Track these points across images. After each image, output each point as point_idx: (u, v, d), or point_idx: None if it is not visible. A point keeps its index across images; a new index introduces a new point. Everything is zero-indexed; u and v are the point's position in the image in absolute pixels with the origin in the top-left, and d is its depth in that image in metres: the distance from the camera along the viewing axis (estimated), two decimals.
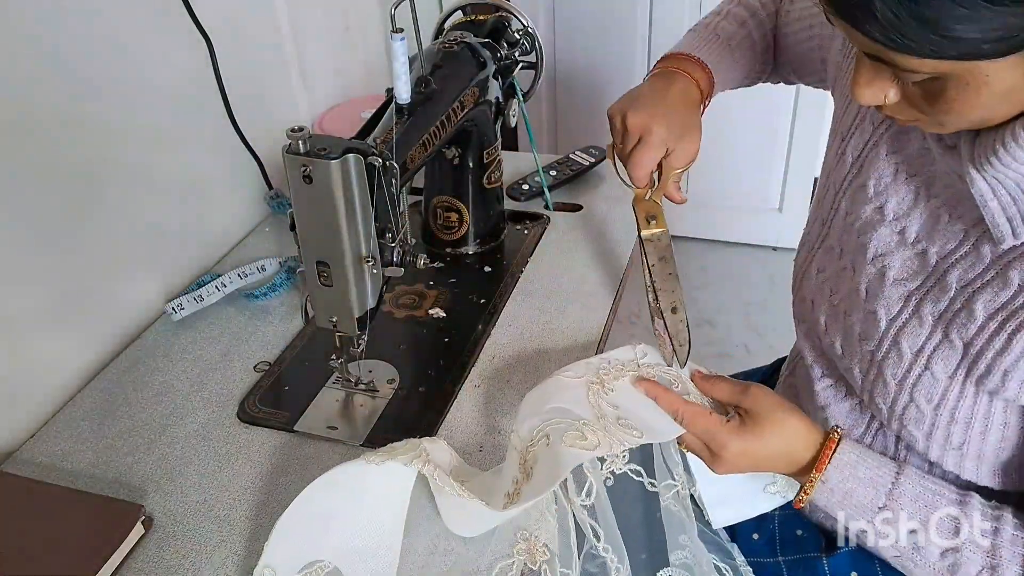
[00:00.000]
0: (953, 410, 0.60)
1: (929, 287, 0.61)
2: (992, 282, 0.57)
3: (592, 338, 0.86)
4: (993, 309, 0.56)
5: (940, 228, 0.61)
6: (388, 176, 0.70)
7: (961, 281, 0.59)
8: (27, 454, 0.76)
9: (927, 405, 0.61)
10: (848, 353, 0.68)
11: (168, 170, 0.95)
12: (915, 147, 0.64)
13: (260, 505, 0.69)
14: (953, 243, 0.60)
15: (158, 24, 0.90)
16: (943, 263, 0.60)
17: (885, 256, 0.65)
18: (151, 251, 0.94)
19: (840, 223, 0.71)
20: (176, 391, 0.82)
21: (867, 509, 0.61)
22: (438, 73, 0.83)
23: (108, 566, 0.63)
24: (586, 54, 2.12)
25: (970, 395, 0.59)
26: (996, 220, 0.54)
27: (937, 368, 0.60)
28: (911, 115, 0.54)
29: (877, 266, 0.65)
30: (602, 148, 1.19)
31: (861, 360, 0.66)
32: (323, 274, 0.72)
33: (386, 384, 0.81)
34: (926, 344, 0.61)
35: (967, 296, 0.58)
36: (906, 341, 0.62)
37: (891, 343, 0.63)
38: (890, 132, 0.67)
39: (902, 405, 0.63)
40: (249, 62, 1.06)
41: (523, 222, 1.08)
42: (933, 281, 0.61)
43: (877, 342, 0.64)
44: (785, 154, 2.11)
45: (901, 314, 0.63)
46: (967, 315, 0.58)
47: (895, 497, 0.61)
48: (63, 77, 0.79)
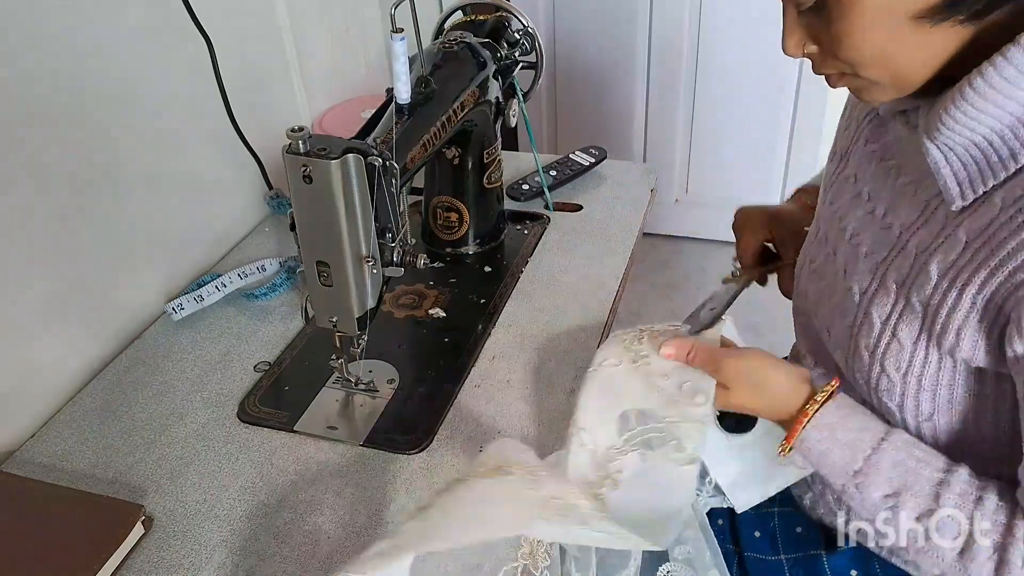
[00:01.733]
0: (920, 376, 0.61)
1: (893, 256, 0.63)
2: (944, 243, 0.59)
3: (592, 338, 0.86)
4: (945, 268, 0.58)
5: (904, 202, 0.63)
6: (388, 176, 0.70)
7: (920, 247, 0.61)
8: (27, 454, 0.76)
9: (896, 373, 0.62)
10: (834, 336, 0.69)
11: (168, 170, 0.95)
12: (891, 136, 0.67)
13: (260, 505, 0.69)
14: (914, 215, 0.62)
15: (158, 24, 0.90)
16: (906, 233, 0.62)
17: (860, 234, 0.67)
18: (151, 251, 0.94)
19: (827, 213, 0.73)
20: (176, 391, 0.82)
21: (843, 472, 0.61)
22: (438, 73, 0.83)
23: (108, 566, 0.63)
24: (586, 54, 2.11)
25: (934, 360, 0.60)
26: (948, 184, 0.57)
27: (903, 334, 0.61)
28: (832, 65, 0.58)
29: (853, 244, 0.68)
30: (602, 148, 1.19)
31: (842, 339, 0.67)
32: (323, 274, 0.72)
33: (386, 384, 0.81)
34: (892, 312, 0.62)
35: (924, 259, 0.60)
36: (875, 311, 0.63)
37: (863, 315, 0.64)
38: (871, 126, 0.70)
39: (875, 376, 0.64)
40: (249, 62, 1.06)
41: (523, 222, 1.08)
42: (897, 251, 0.63)
43: (853, 316, 0.66)
44: (785, 154, 2.11)
45: (871, 285, 0.64)
46: (924, 276, 0.59)
47: (873, 462, 0.61)
48: (63, 77, 0.79)
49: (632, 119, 2.19)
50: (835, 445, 0.62)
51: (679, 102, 2.12)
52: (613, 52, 2.09)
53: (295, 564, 0.64)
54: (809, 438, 0.62)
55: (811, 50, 0.59)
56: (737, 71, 2.02)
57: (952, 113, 0.54)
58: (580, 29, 2.08)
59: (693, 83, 2.08)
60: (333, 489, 0.70)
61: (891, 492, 0.60)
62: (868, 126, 0.71)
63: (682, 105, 2.12)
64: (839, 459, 0.61)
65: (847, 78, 0.59)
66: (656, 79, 2.12)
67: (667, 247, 2.28)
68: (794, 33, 0.58)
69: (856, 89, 0.60)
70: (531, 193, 1.12)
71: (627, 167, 1.22)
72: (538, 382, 0.80)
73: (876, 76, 0.57)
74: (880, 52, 0.55)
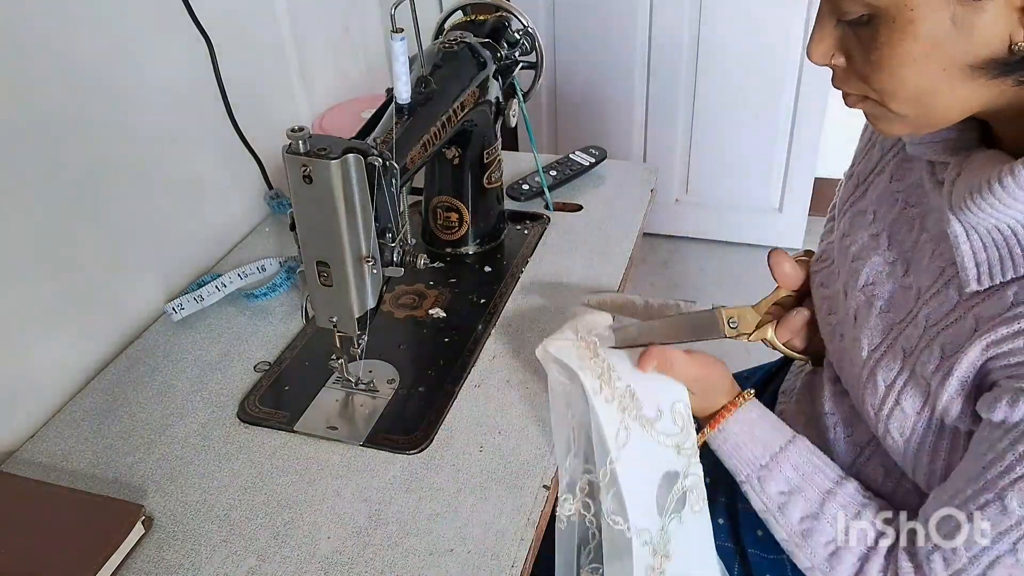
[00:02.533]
0: (920, 444, 0.61)
1: (908, 322, 0.61)
2: (953, 325, 0.57)
3: None
4: (953, 349, 0.56)
5: (925, 264, 0.61)
6: (388, 176, 0.70)
7: (929, 320, 0.59)
8: (27, 454, 0.76)
9: (900, 438, 0.62)
10: (843, 376, 0.69)
11: (168, 170, 0.95)
12: (915, 177, 0.64)
13: (260, 505, 0.69)
14: (928, 280, 0.60)
15: (158, 24, 0.90)
16: (920, 299, 0.60)
17: (875, 285, 0.65)
18: (151, 251, 0.94)
19: (838, 243, 0.71)
20: (176, 391, 0.82)
21: (751, 464, 0.67)
22: (438, 73, 0.83)
23: (108, 566, 0.63)
24: (586, 54, 2.11)
25: (935, 430, 0.60)
26: (965, 263, 0.55)
27: (906, 403, 0.60)
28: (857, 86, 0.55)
29: (867, 294, 0.66)
30: (602, 148, 1.19)
31: (853, 385, 0.67)
32: (323, 274, 0.72)
33: (386, 384, 0.81)
34: (897, 379, 0.61)
35: (932, 335, 0.58)
36: (881, 374, 0.62)
37: (869, 374, 0.63)
38: (896, 160, 0.67)
39: (881, 433, 0.63)
40: (249, 62, 1.06)
41: (523, 222, 1.08)
42: (911, 318, 0.61)
43: (859, 369, 0.65)
44: (785, 154, 2.11)
45: (881, 346, 0.63)
46: (929, 353, 0.58)
47: (778, 460, 0.67)
48: (63, 77, 0.79)
49: (632, 119, 2.19)
50: (750, 440, 0.68)
51: (679, 102, 2.12)
52: (613, 52, 2.09)
53: (295, 564, 0.64)
54: (729, 429, 0.69)
55: (839, 63, 0.55)
56: (737, 71, 2.02)
57: (984, 197, 0.51)
58: (580, 29, 2.08)
59: (693, 83, 2.08)
60: (333, 489, 0.70)
61: (787, 490, 0.66)
62: (893, 159, 0.67)
63: (682, 105, 2.12)
64: (750, 453, 0.68)
65: (868, 103, 0.56)
66: (656, 79, 2.12)
67: (667, 247, 2.29)
68: (825, 40, 0.54)
69: (873, 116, 0.57)
70: (531, 193, 1.12)
71: (627, 167, 1.22)
72: (538, 382, 0.80)
73: (904, 111, 0.54)
74: (920, 90, 0.51)
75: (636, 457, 0.66)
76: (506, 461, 0.72)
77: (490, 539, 0.65)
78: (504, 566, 0.63)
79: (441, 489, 0.70)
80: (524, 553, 0.64)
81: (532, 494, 0.69)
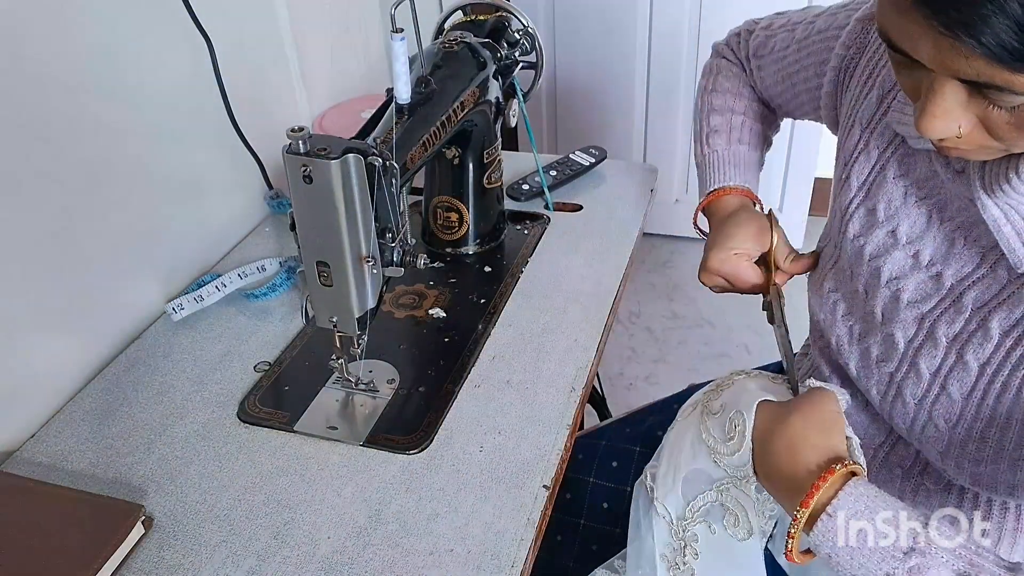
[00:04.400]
0: (970, 429, 0.60)
1: (943, 309, 0.61)
2: (1007, 300, 0.57)
3: (592, 338, 0.86)
4: (1008, 326, 0.56)
5: (955, 252, 0.61)
6: (388, 176, 0.70)
7: (977, 302, 0.59)
8: (27, 454, 0.76)
9: (945, 424, 0.61)
10: (864, 375, 0.68)
11: (168, 170, 0.95)
12: (923, 170, 0.64)
13: (260, 505, 0.69)
14: (969, 266, 0.60)
15: (158, 24, 0.90)
16: (959, 286, 0.60)
17: (899, 279, 0.65)
18: (151, 251, 0.94)
19: (849, 247, 0.70)
20: (176, 391, 0.82)
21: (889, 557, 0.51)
22: (438, 73, 0.83)
23: (108, 566, 0.63)
24: (586, 54, 2.12)
25: (986, 415, 0.59)
26: (1012, 245, 0.54)
27: (953, 389, 0.60)
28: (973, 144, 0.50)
29: (891, 289, 0.65)
30: (602, 148, 1.19)
31: (879, 382, 0.67)
32: (323, 274, 0.72)
33: (386, 384, 0.81)
34: (942, 366, 0.61)
35: (982, 316, 0.58)
36: (924, 363, 0.62)
37: (910, 364, 0.63)
38: (896, 155, 0.67)
39: (920, 424, 0.63)
40: (249, 62, 1.06)
41: (523, 222, 1.08)
42: (948, 303, 0.61)
43: (896, 363, 0.64)
44: (785, 154, 2.11)
45: (917, 336, 0.63)
46: (983, 335, 0.58)
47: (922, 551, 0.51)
48: (63, 77, 0.79)
49: (632, 119, 2.19)
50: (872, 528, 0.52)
51: (679, 102, 2.12)
52: (613, 52, 2.09)
53: (295, 564, 0.64)
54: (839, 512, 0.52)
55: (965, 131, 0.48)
56: None
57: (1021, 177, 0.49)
58: (580, 29, 2.08)
59: (693, 83, 2.08)
60: (333, 489, 0.70)
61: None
62: (893, 156, 0.67)
63: (682, 105, 2.12)
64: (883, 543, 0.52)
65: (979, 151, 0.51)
66: (656, 79, 2.12)
67: (667, 247, 2.29)
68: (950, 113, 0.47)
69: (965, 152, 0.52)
70: (531, 193, 1.12)
71: (627, 167, 1.22)
72: (538, 382, 0.80)
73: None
74: None
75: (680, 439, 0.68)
76: (506, 461, 0.72)
77: (490, 539, 0.65)
78: (504, 566, 0.63)
79: (441, 489, 0.70)
80: (524, 553, 0.64)
81: (532, 494, 0.69)
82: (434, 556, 0.64)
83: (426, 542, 0.65)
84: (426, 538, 0.66)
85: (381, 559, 0.64)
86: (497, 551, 0.64)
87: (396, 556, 0.64)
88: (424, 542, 0.65)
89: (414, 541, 0.65)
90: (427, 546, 0.65)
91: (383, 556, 0.64)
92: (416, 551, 0.65)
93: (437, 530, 0.66)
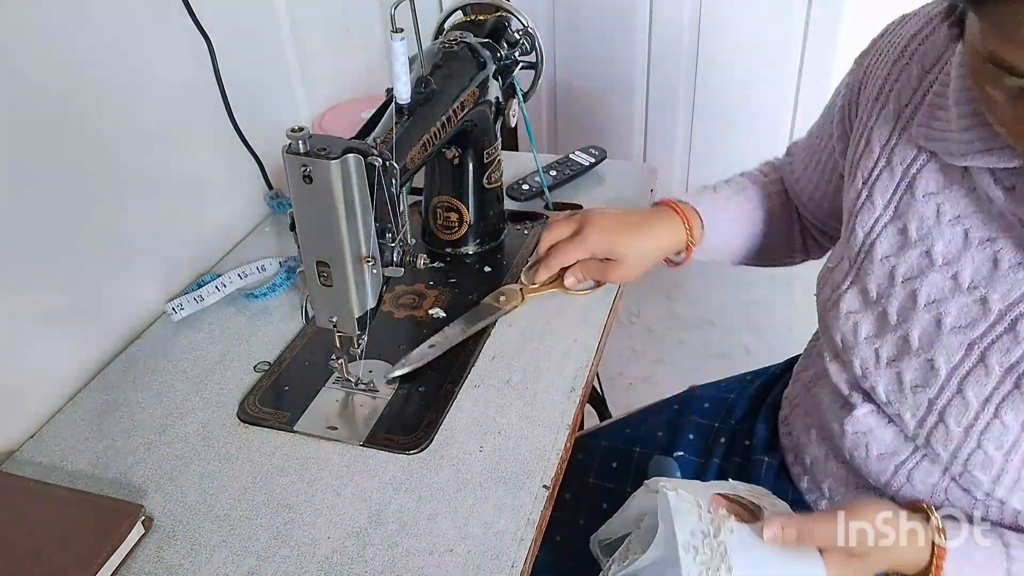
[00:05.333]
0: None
1: (996, 336, 0.59)
2: None
3: (592, 338, 0.86)
4: None
5: (1001, 273, 0.59)
6: (388, 176, 0.70)
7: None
8: (27, 454, 0.76)
9: (997, 452, 0.59)
10: (896, 399, 0.66)
11: (168, 170, 0.95)
12: (957, 186, 0.62)
13: (260, 505, 0.69)
14: (1019, 290, 0.58)
15: (158, 24, 0.90)
16: (1011, 311, 0.58)
17: (939, 303, 0.62)
18: (151, 251, 0.94)
19: (875, 267, 0.67)
20: (176, 391, 0.82)
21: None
22: (438, 73, 0.83)
23: (108, 566, 0.63)
24: (586, 54, 2.12)
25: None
26: None
27: (1008, 417, 0.58)
28: None
29: (931, 313, 0.63)
30: (602, 148, 1.19)
31: (915, 407, 0.64)
32: (323, 274, 0.72)
33: (386, 384, 0.81)
34: (994, 393, 0.59)
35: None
36: (971, 390, 0.60)
37: (955, 392, 0.61)
38: (923, 171, 0.64)
39: (968, 451, 0.61)
40: (249, 62, 1.06)
41: (523, 222, 1.08)
42: (1002, 330, 0.59)
43: (937, 390, 0.62)
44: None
45: (963, 363, 0.61)
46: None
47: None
48: (62, 77, 0.79)
49: (632, 119, 2.19)
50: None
51: (679, 102, 2.12)
52: (613, 52, 2.09)
53: (295, 564, 0.64)
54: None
55: None
56: (737, 71, 2.02)
57: None
58: (580, 29, 2.08)
59: (693, 83, 2.09)
60: (333, 489, 0.70)
61: None
62: (920, 172, 0.64)
63: (682, 105, 2.13)
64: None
65: None
66: (656, 79, 2.12)
67: None
68: None
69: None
70: (531, 193, 1.12)
71: (627, 167, 1.22)
72: (538, 382, 0.80)
73: None
74: None
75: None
76: (506, 461, 0.72)
77: (490, 539, 0.65)
78: (504, 566, 0.63)
79: (441, 489, 0.70)
80: (524, 553, 0.64)
81: (532, 494, 0.69)
82: (434, 556, 0.64)
83: (426, 542, 0.65)
84: (426, 538, 0.66)
85: (381, 559, 0.64)
86: (497, 551, 0.64)
87: (396, 556, 0.64)
88: (424, 542, 0.65)
89: (414, 541, 0.65)
90: (427, 546, 0.65)
91: (383, 556, 0.64)
92: (416, 551, 0.65)
93: (437, 530, 0.66)
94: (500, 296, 0.91)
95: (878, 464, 0.68)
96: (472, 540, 0.65)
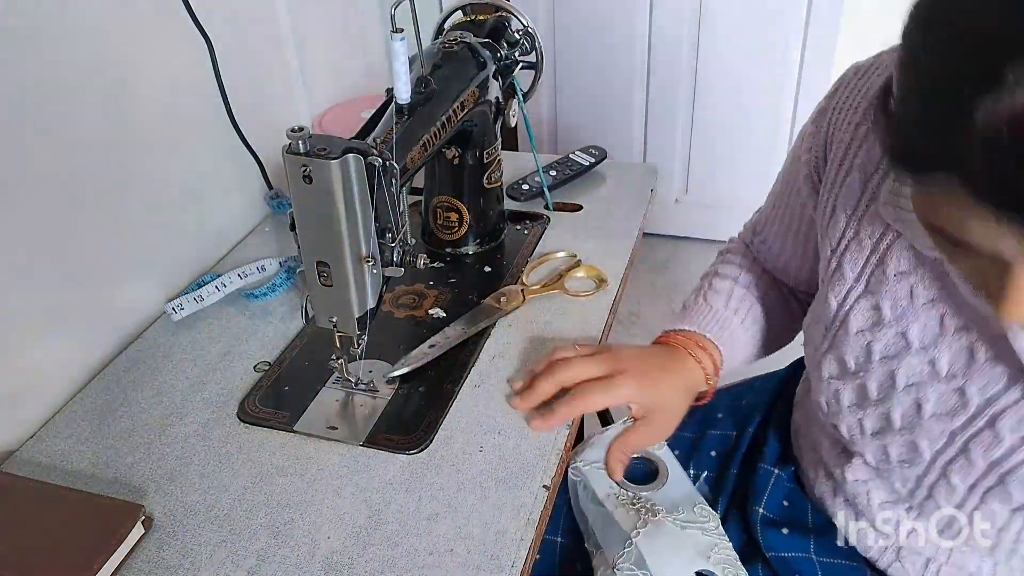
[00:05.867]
0: (1019, 532, 0.59)
1: (977, 430, 0.57)
2: None
3: (592, 338, 0.86)
4: None
5: (978, 366, 0.56)
6: (388, 176, 0.70)
7: (1016, 431, 0.54)
8: (27, 454, 0.76)
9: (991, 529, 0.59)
10: (885, 469, 0.65)
11: (168, 170, 0.95)
12: (928, 268, 0.58)
13: (260, 505, 0.69)
14: (996, 385, 0.55)
15: (158, 24, 0.90)
16: (989, 407, 0.56)
17: (919, 387, 0.60)
18: (151, 251, 0.94)
19: (851, 340, 0.64)
20: (176, 391, 0.82)
21: None
22: (438, 73, 0.83)
23: (108, 566, 0.63)
24: (586, 54, 2.12)
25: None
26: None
27: (996, 505, 0.58)
28: None
29: (911, 396, 0.60)
30: (602, 148, 1.19)
31: (903, 480, 0.63)
32: (323, 274, 0.72)
33: (386, 384, 0.81)
34: (980, 482, 0.58)
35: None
36: (957, 476, 0.59)
37: (940, 474, 0.60)
38: (894, 248, 0.60)
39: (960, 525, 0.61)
40: (249, 62, 1.06)
41: (523, 222, 1.08)
42: (982, 424, 0.56)
43: (924, 468, 0.61)
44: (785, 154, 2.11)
45: (947, 450, 0.59)
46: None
47: None
48: (62, 77, 0.79)
49: (632, 119, 2.19)
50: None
51: (679, 102, 2.12)
52: (613, 52, 2.09)
53: (295, 564, 0.64)
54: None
55: None
56: (737, 71, 2.02)
57: None
58: (580, 29, 2.08)
59: (693, 83, 2.09)
60: (333, 489, 0.70)
61: None
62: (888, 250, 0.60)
63: (682, 105, 2.13)
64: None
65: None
66: (656, 79, 2.12)
67: (667, 247, 2.29)
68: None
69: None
70: (531, 193, 1.12)
71: (627, 167, 1.22)
72: None
73: None
74: None
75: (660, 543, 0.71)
76: (506, 461, 0.72)
77: (490, 539, 0.65)
78: (504, 566, 0.63)
79: (441, 489, 0.70)
80: (524, 553, 0.64)
81: (532, 494, 0.69)
82: (434, 556, 0.64)
83: (426, 542, 0.65)
84: (426, 538, 0.66)
85: (381, 559, 0.64)
86: (497, 551, 0.64)
87: (396, 556, 0.64)
88: (424, 542, 0.65)
89: (414, 541, 0.65)
90: (427, 546, 0.65)
91: (383, 556, 0.64)
92: (416, 551, 0.65)
93: (437, 530, 0.66)
94: (501, 296, 0.91)
95: (880, 511, 0.68)
96: (472, 540, 0.65)
